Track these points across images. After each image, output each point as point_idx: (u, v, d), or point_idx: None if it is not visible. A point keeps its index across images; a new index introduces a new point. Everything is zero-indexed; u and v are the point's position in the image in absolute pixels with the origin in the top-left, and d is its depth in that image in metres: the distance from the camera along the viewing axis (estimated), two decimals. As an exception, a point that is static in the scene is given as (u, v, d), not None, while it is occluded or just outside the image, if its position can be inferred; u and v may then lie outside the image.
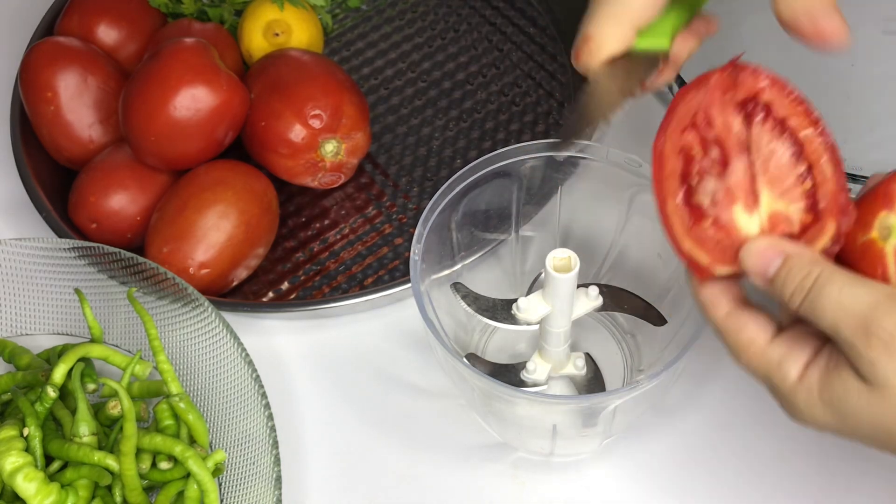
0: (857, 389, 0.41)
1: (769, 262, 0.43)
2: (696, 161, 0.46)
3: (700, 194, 0.46)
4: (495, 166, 0.58)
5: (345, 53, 0.83)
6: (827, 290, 0.41)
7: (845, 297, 0.41)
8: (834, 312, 0.41)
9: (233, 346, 0.60)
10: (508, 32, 0.83)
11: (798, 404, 0.43)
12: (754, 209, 0.45)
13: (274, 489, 0.56)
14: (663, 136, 0.46)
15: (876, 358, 0.40)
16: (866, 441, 0.43)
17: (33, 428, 0.57)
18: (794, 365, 0.43)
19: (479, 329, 0.64)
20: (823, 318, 0.41)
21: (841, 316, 0.41)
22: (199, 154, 0.69)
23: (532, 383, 0.59)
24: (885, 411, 0.41)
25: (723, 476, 0.59)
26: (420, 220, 0.56)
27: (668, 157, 0.46)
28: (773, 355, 0.44)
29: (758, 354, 0.44)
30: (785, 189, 0.44)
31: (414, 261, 0.55)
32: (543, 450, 0.59)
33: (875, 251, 0.42)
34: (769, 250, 0.44)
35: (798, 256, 0.43)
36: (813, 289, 0.42)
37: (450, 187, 0.57)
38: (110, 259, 0.64)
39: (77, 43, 0.73)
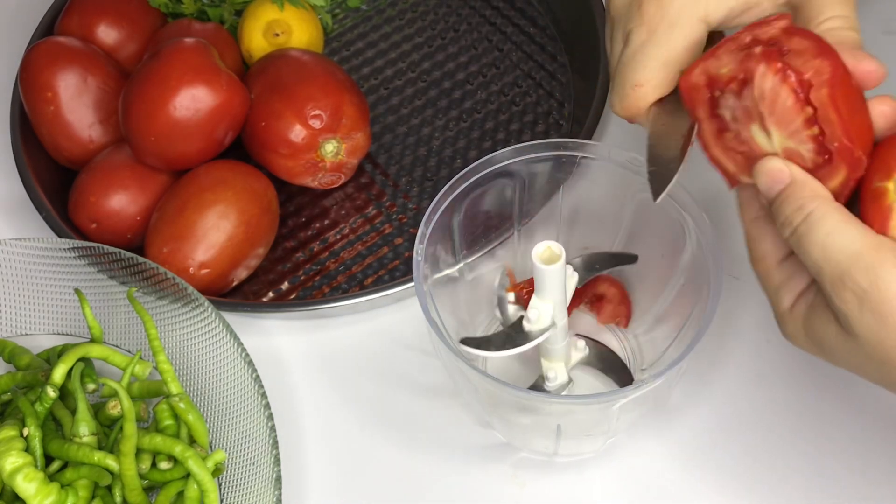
0: (834, 333, 0.42)
1: (774, 182, 0.44)
2: (720, 80, 0.47)
3: (722, 107, 0.47)
4: (497, 166, 0.58)
5: (345, 53, 0.83)
6: (815, 231, 0.42)
7: (830, 243, 0.41)
8: (818, 255, 0.42)
9: (233, 346, 0.60)
10: (508, 32, 0.83)
11: (786, 329, 0.45)
12: (770, 134, 0.45)
13: (274, 489, 0.56)
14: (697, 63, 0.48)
15: (849, 311, 0.41)
16: (846, 369, 0.44)
17: (33, 428, 0.57)
18: (788, 294, 0.45)
19: (481, 329, 0.64)
20: (808, 257, 0.42)
21: (823, 261, 0.41)
22: (199, 154, 0.69)
23: (559, 388, 0.59)
24: (860, 358, 0.42)
25: (724, 476, 0.59)
26: (423, 220, 0.56)
27: (697, 75, 0.48)
28: (775, 278, 0.45)
29: (766, 271, 0.46)
30: (793, 131, 0.44)
31: (416, 261, 0.55)
32: (547, 450, 0.59)
33: (884, 201, 0.42)
34: (778, 171, 0.44)
35: (800, 185, 0.43)
36: (802, 225, 0.42)
37: (452, 187, 0.57)
38: (110, 259, 0.64)
39: (77, 43, 0.73)
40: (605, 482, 0.60)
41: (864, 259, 0.40)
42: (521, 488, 0.60)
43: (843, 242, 0.41)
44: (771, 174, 0.45)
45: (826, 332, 0.43)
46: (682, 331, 0.57)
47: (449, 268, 0.60)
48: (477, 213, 0.60)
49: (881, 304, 0.40)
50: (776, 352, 0.63)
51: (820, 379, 0.62)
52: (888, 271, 0.40)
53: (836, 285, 0.41)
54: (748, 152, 0.47)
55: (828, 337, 0.43)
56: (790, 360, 0.63)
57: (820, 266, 0.41)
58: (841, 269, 0.41)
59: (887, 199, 0.42)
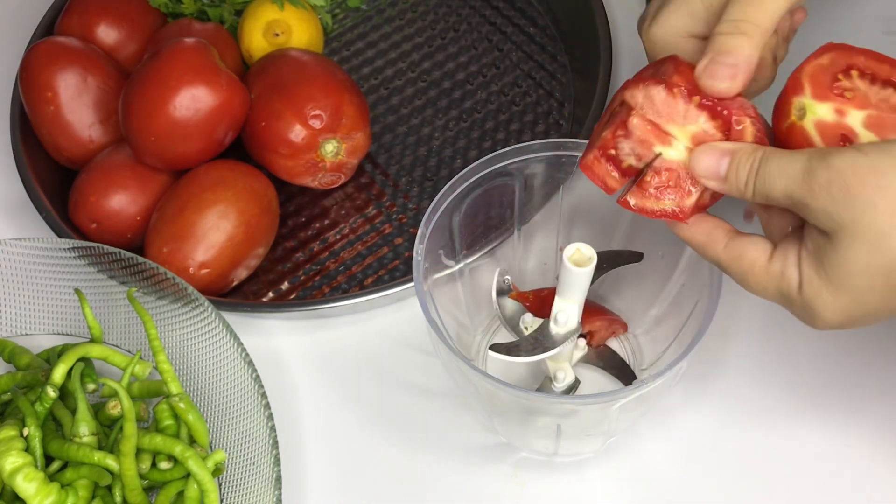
0: (831, 248, 0.44)
1: (718, 163, 0.47)
2: (606, 144, 0.50)
3: (623, 158, 0.50)
4: (497, 166, 0.58)
5: (345, 53, 0.83)
6: (770, 165, 0.45)
7: (785, 164, 0.45)
8: (781, 181, 0.45)
9: (233, 346, 0.60)
10: (508, 32, 0.83)
11: (813, 306, 0.46)
12: (673, 141, 0.49)
13: (274, 489, 0.56)
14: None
15: (824, 205, 0.43)
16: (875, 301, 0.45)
17: (33, 428, 0.57)
18: (792, 267, 0.46)
19: (480, 329, 0.64)
20: (775, 190, 0.45)
21: (787, 181, 0.44)
22: (199, 154, 0.69)
23: (568, 388, 0.59)
24: (862, 255, 0.43)
25: (724, 476, 0.59)
26: (423, 220, 0.56)
27: (591, 159, 0.51)
28: (775, 269, 0.46)
29: (763, 273, 0.47)
30: (686, 119, 0.48)
31: (417, 261, 0.55)
32: (547, 450, 0.59)
33: (798, 130, 0.47)
34: (714, 154, 0.47)
35: (741, 149, 0.47)
36: (759, 168, 0.46)
37: (452, 187, 0.57)
38: (110, 259, 0.64)
39: (77, 43, 0.73)
40: (605, 482, 0.60)
41: (815, 158, 0.43)
42: (522, 488, 0.60)
43: (795, 157, 0.44)
44: (711, 158, 0.48)
45: (834, 258, 0.44)
46: (681, 331, 0.57)
47: (449, 268, 0.60)
48: (477, 213, 0.60)
49: (849, 182, 0.42)
50: (776, 352, 0.63)
51: (820, 378, 0.62)
52: (836, 154, 0.43)
53: (804, 193, 0.43)
54: (670, 177, 0.49)
55: (838, 261, 0.44)
56: (790, 360, 0.63)
57: (787, 189, 0.44)
58: (802, 175, 0.44)
59: (798, 127, 0.47)
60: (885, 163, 0.42)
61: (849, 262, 0.43)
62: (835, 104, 0.47)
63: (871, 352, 0.62)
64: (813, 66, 0.48)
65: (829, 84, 0.47)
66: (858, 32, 0.77)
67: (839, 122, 0.47)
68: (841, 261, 0.44)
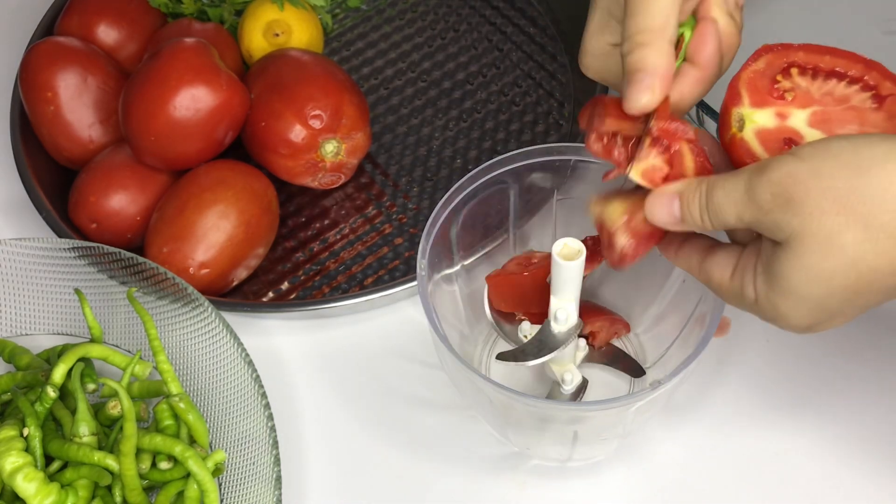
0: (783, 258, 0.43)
1: (671, 208, 0.47)
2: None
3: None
4: (493, 174, 0.58)
5: (345, 53, 0.83)
6: (716, 194, 0.45)
7: (729, 189, 0.44)
8: (730, 208, 0.44)
9: (233, 346, 0.60)
10: (508, 32, 0.83)
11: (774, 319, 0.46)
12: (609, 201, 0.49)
13: (274, 489, 0.56)
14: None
15: (774, 219, 0.43)
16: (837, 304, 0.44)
17: (33, 428, 0.57)
18: (749, 284, 0.46)
19: (481, 339, 0.64)
20: (728, 218, 0.44)
21: (735, 207, 0.44)
22: (198, 154, 0.69)
23: (577, 389, 0.59)
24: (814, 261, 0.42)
25: (728, 476, 0.59)
26: (423, 233, 0.56)
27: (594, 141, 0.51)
28: (735, 287, 0.47)
29: (729, 291, 0.47)
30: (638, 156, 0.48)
31: (421, 276, 0.55)
32: (561, 456, 0.59)
33: (738, 142, 0.48)
34: (663, 200, 0.47)
35: (686, 187, 0.46)
36: (707, 202, 0.45)
37: (449, 199, 0.57)
38: (110, 259, 0.64)
39: (77, 43, 0.73)
40: (618, 484, 0.60)
41: (755, 176, 0.43)
42: (522, 490, 0.60)
43: (737, 181, 0.44)
44: (663, 205, 0.47)
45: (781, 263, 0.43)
46: (684, 328, 0.57)
47: (447, 277, 0.60)
48: (474, 221, 0.60)
49: (791, 192, 0.42)
50: (776, 351, 0.63)
51: (822, 376, 0.62)
52: (773, 167, 0.42)
53: (753, 211, 0.43)
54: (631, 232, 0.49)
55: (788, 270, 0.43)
56: (791, 359, 0.63)
57: (738, 213, 0.44)
58: (746, 196, 0.43)
59: (738, 138, 0.47)
60: (825, 164, 0.42)
61: (802, 270, 0.43)
62: (775, 108, 0.47)
63: (872, 355, 0.63)
64: (749, 73, 0.48)
65: (767, 88, 0.47)
66: (858, 32, 0.77)
67: (781, 125, 0.47)
68: (794, 270, 0.43)
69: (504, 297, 0.59)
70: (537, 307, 0.58)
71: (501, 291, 0.59)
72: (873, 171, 0.41)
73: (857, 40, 0.76)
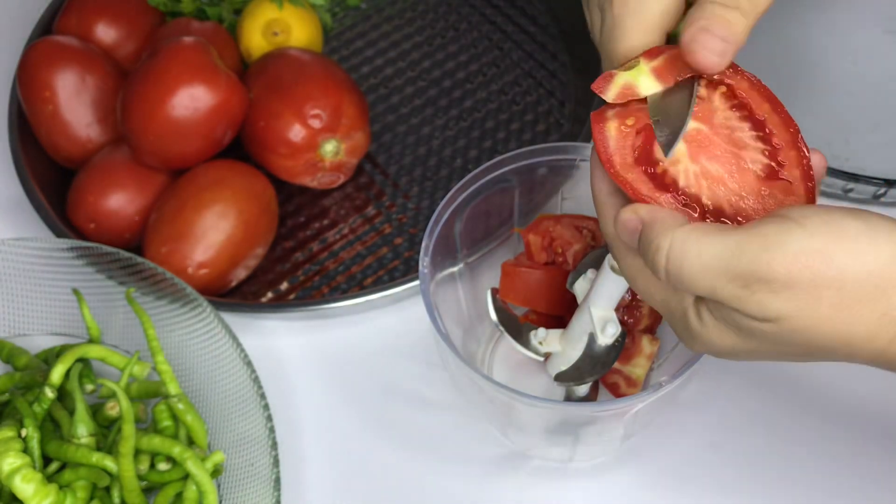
0: (752, 325, 0.39)
1: (632, 233, 0.42)
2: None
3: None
4: (496, 174, 0.58)
5: (344, 52, 0.82)
6: (688, 261, 0.39)
7: (707, 260, 0.39)
8: (705, 280, 0.39)
9: (232, 347, 0.60)
10: (509, 31, 0.82)
11: (695, 336, 0.42)
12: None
13: (273, 490, 0.56)
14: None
15: (761, 299, 0.38)
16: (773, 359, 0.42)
17: (31, 429, 0.56)
18: (690, 307, 0.42)
19: (484, 339, 0.64)
20: (698, 288, 0.39)
21: (712, 279, 0.39)
22: (197, 153, 0.69)
23: (616, 338, 0.57)
24: (784, 335, 0.39)
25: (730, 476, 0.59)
26: (426, 231, 0.56)
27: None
28: (662, 293, 0.43)
29: (654, 280, 0.43)
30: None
31: (423, 273, 0.55)
32: (563, 456, 0.59)
33: (611, 77, 0.44)
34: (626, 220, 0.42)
35: (648, 226, 0.41)
36: (670, 263, 0.40)
37: (453, 197, 0.57)
38: (109, 259, 0.64)
39: (75, 42, 0.72)
40: (620, 485, 0.60)
41: (738, 251, 0.38)
42: (523, 490, 0.60)
43: (716, 250, 0.39)
44: (626, 224, 0.42)
45: (744, 324, 0.40)
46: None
47: (451, 275, 0.60)
48: (477, 220, 0.60)
49: (790, 277, 0.37)
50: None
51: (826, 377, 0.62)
52: (778, 247, 0.38)
53: (737, 289, 0.38)
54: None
55: (750, 328, 0.40)
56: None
57: (713, 286, 0.39)
58: (731, 272, 0.38)
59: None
60: (834, 246, 0.37)
61: (767, 337, 0.39)
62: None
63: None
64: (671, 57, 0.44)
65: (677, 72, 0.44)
66: (858, 32, 0.77)
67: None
68: (759, 334, 0.40)
69: (515, 289, 0.58)
70: (545, 307, 0.57)
71: (513, 282, 0.58)
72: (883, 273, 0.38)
73: (859, 39, 0.77)
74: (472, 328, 0.63)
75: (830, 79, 0.75)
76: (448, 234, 0.58)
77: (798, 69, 0.75)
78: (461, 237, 0.59)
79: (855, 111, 0.74)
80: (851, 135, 0.73)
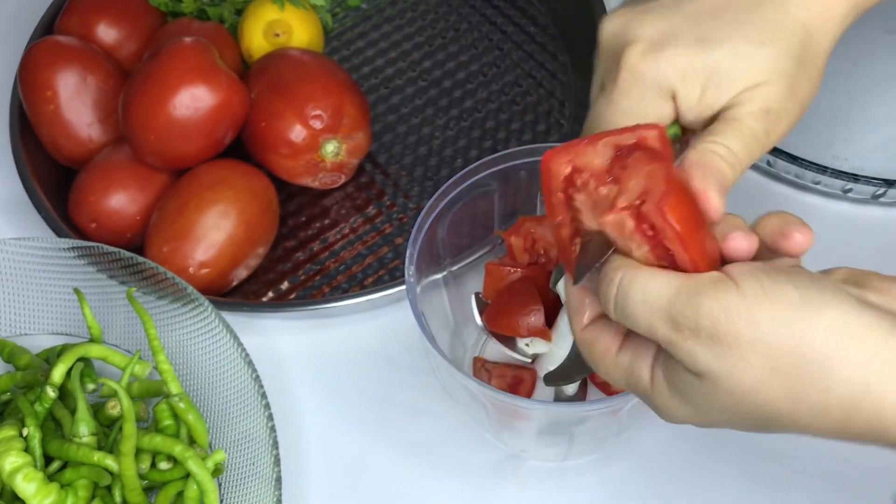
0: (691, 382, 0.40)
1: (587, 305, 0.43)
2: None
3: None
4: (477, 178, 0.58)
5: (345, 52, 0.83)
6: (632, 294, 0.40)
7: (649, 296, 0.39)
8: (644, 315, 0.40)
9: (232, 346, 0.60)
10: (509, 31, 0.82)
11: (657, 404, 0.42)
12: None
13: (274, 489, 0.56)
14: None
15: (691, 348, 0.38)
16: (727, 426, 0.41)
17: (33, 428, 0.57)
18: (644, 367, 0.42)
19: (470, 344, 0.64)
20: (639, 322, 0.40)
21: (650, 316, 0.39)
22: (198, 153, 0.69)
23: (573, 392, 0.59)
24: (722, 398, 0.39)
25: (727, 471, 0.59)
26: (410, 240, 0.56)
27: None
28: (624, 362, 0.43)
29: (613, 363, 0.43)
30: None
31: (409, 282, 0.55)
32: (558, 457, 0.59)
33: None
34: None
35: (608, 266, 0.41)
36: (618, 296, 0.40)
37: (434, 204, 0.57)
38: (110, 259, 0.64)
39: (76, 42, 0.73)
40: (617, 480, 0.60)
41: (683, 294, 0.38)
42: (521, 490, 0.60)
43: (660, 289, 0.39)
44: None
45: (686, 384, 0.40)
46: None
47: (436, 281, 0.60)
48: (460, 225, 0.60)
49: (721, 333, 0.38)
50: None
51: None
52: (708, 295, 0.38)
53: (670, 330, 0.39)
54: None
55: (689, 388, 0.40)
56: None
57: (651, 324, 0.39)
58: (668, 312, 0.39)
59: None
60: (763, 310, 0.37)
61: (707, 398, 0.39)
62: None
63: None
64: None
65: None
66: (858, 32, 0.77)
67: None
68: (700, 394, 0.40)
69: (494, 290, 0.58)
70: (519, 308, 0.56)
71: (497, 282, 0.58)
72: (814, 345, 0.37)
73: (859, 39, 0.77)
74: (459, 333, 0.63)
75: (830, 79, 0.75)
76: (432, 241, 0.58)
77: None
78: (444, 244, 0.59)
79: (855, 111, 0.74)
80: (851, 135, 0.73)
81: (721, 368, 0.38)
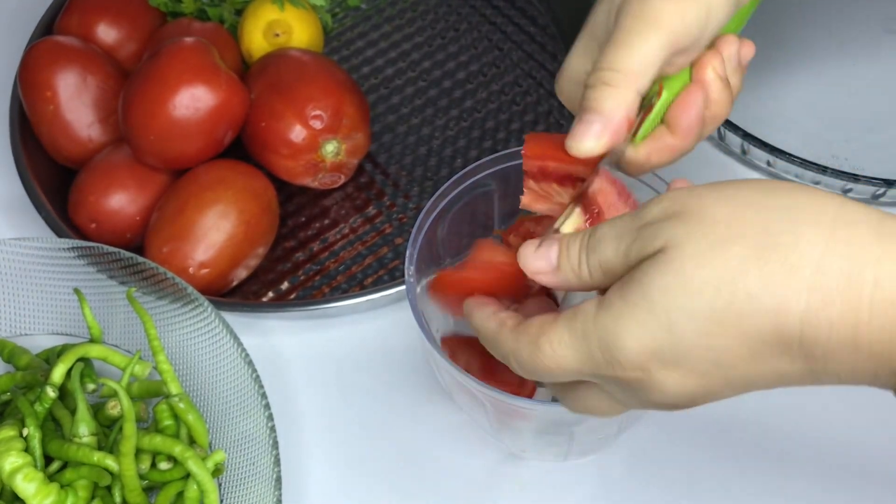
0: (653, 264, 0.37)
1: (548, 255, 0.42)
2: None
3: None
4: (475, 178, 0.58)
5: (345, 52, 0.83)
6: (601, 228, 0.40)
7: (615, 221, 0.39)
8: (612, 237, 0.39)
9: (232, 347, 0.60)
10: (509, 31, 0.82)
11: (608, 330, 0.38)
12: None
13: (274, 490, 0.56)
14: None
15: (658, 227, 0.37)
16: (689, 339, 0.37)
17: (33, 428, 0.57)
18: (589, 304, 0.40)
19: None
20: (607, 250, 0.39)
21: (617, 233, 0.39)
22: (198, 154, 0.69)
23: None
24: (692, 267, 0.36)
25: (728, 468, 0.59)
26: (409, 240, 0.56)
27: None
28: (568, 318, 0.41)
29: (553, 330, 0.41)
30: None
31: (409, 283, 0.55)
32: (558, 457, 0.59)
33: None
34: (540, 247, 0.42)
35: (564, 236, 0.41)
36: (590, 237, 0.40)
37: (433, 205, 0.57)
38: (110, 259, 0.64)
39: (76, 42, 0.73)
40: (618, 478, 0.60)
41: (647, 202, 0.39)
42: (523, 490, 0.60)
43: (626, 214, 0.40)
44: (539, 251, 0.42)
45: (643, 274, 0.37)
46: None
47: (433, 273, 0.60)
48: (460, 225, 0.60)
49: (686, 202, 0.37)
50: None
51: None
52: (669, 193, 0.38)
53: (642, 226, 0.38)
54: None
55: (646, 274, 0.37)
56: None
57: (620, 235, 0.39)
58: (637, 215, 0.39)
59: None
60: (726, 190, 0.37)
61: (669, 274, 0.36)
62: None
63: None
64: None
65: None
66: (858, 32, 0.77)
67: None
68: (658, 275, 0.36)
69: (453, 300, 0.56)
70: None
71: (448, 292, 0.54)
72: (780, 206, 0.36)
73: (859, 39, 0.77)
74: (459, 333, 0.63)
75: (830, 79, 0.75)
76: (431, 241, 0.58)
77: (797, 69, 0.75)
78: (444, 244, 0.59)
79: (855, 111, 0.74)
80: (851, 135, 0.73)
81: (687, 231, 0.36)
